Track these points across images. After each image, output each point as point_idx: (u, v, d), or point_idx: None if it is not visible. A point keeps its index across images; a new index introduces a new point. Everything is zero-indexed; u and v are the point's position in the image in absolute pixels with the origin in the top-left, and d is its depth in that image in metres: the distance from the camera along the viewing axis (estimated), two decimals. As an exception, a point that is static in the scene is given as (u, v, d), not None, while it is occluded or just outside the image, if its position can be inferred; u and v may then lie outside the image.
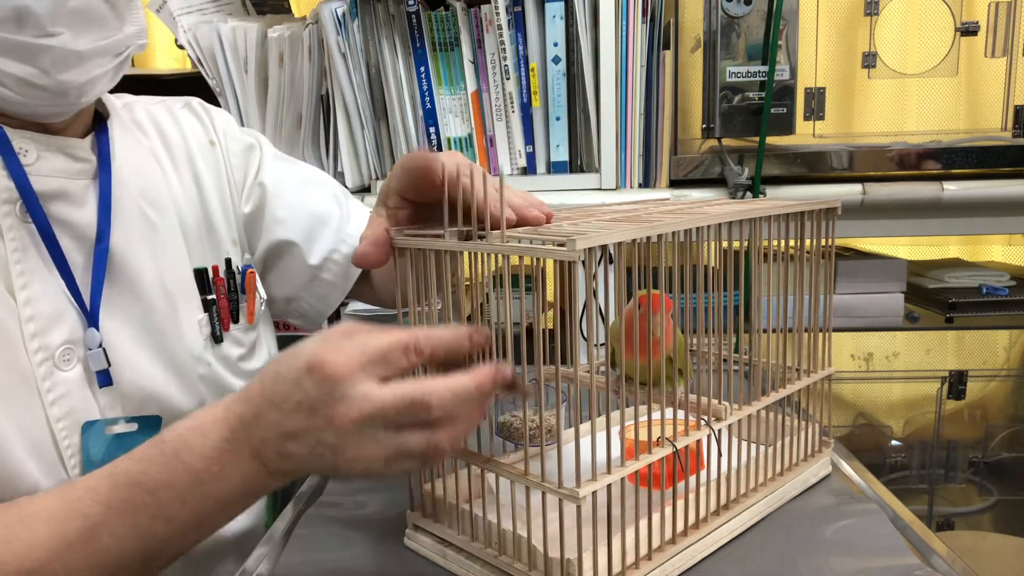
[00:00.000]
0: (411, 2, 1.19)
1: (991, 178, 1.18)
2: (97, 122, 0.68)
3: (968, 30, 1.19)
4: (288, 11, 1.53)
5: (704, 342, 0.58)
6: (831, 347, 0.68)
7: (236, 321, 0.75)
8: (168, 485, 0.48)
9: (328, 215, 0.81)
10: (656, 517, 0.52)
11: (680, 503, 0.54)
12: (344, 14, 1.19)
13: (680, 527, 0.54)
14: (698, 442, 0.56)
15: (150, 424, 0.65)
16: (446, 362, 0.48)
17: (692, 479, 0.56)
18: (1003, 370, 1.55)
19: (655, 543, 0.52)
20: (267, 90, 1.26)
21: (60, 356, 0.60)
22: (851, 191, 1.17)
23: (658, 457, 0.51)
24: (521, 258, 0.47)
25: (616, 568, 0.50)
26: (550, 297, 0.47)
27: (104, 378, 0.63)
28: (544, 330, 0.47)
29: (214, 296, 0.72)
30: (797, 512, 0.63)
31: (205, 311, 0.71)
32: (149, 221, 0.67)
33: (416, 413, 0.45)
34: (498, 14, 1.18)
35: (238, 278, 0.76)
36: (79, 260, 0.62)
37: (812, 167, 1.20)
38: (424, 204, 0.56)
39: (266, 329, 0.81)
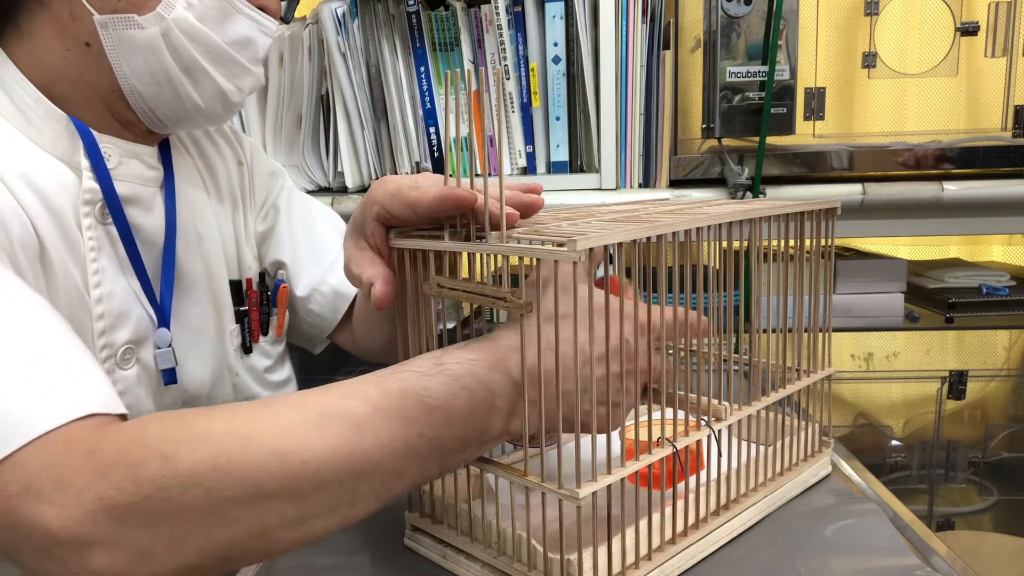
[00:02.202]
0: (411, 2, 1.19)
1: (991, 178, 1.18)
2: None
3: (968, 30, 1.19)
4: (288, 11, 1.53)
5: (704, 342, 0.58)
6: (831, 347, 0.68)
7: (265, 333, 0.78)
8: (447, 406, 0.45)
9: (327, 246, 0.83)
10: (656, 517, 0.52)
11: (680, 503, 0.54)
12: (344, 14, 1.19)
13: (680, 527, 0.54)
14: (698, 442, 0.56)
15: None
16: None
17: (692, 479, 0.56)
18: (1003, 370, 1.55)
19: (655, 543, 0.52)
20: (267, 90, 1.26)
21: (122, 355, 0.63)
22: (851, 191, 1.17)
23: (658, 457, 0.51)
24: (521, 258, 0.47)
25: (616, 568, 0.50)
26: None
27: (169, 376, 0.66)
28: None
29: (246, 308, 0.75)
30: (797, 512, 0.63)
31: (237, 322, 0.75)
32: (197, 232, 0.71)
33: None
34: (498, 14, 1.18)
35: (270, 291, 0.79)
36: (148, 264, 0.66)
37: (812, 167, 1.20)
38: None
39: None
